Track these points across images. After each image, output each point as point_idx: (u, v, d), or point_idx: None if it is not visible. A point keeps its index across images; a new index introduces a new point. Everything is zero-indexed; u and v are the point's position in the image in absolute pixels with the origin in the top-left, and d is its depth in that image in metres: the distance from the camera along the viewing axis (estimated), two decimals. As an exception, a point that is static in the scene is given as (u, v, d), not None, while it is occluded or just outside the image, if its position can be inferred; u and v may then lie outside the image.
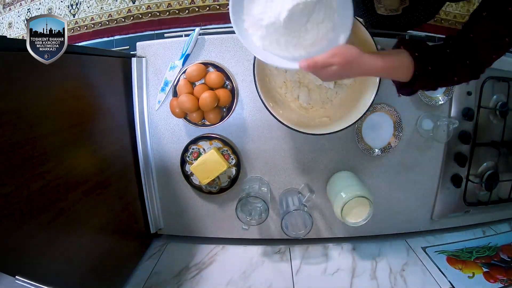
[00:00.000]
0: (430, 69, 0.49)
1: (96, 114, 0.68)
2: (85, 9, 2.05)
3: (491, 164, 0.87)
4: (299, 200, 0.75)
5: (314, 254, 0.83)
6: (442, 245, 0.84)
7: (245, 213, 0.73)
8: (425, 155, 0.83)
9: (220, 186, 0.81)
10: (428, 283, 0.72)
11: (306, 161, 0.81)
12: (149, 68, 0.79)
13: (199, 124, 0.77)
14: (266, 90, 0.66)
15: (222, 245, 0.85)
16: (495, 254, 0.81)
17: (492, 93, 0.84)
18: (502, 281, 0.72)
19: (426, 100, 0.79)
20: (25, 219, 0.46)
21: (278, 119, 0.63)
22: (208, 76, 0.74)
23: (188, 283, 0.74)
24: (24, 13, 2.21)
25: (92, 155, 0.66)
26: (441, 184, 0.84)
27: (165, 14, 1.90)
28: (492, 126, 0.85)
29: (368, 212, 0.69)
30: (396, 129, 0.80)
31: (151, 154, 0.82)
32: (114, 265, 0.71)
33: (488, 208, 0.88)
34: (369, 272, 0.76)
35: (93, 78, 0.67)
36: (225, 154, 0.79)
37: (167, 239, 0.89)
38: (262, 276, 0.75)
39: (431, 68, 0.49)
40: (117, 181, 0.73)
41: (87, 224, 0.62)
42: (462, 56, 0.50)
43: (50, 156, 0.52)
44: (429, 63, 0.49)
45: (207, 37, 0.77)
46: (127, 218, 0.78)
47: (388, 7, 0.65)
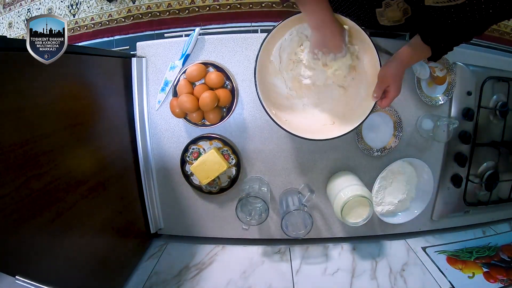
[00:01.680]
0: (443, 46, 0.62)
1: (96, 114, 0.67)
2: (85, 9, 2.06)
3: (491, 164, 0.87)
4: (299, 200, 0.75)
5: (314, 254, 0.83)
6: (442, 245, 0.84)
7: (245, 213, 0.73)
8: (425, 155, 0.83)
9: (220, 186, 0.81)
10: (428, 283, 0.72)
11: (306, 161, 0.81)
12: (149, 68, 0.79)
13: (199, 124, 0.77)
14: (267, 96, 0.66)
15: (222, 245, 0.86)
16: (495, 254, 0.81)
17: (492, 93, 0.84)
18: (502, 281, 0.72)
19: (426, 100, 0.79)
20: (25, 219, 0.46)
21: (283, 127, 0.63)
22: (208, 76, 0.74)
23: (188, 283, 0.74)
24: (24, 13, 2.22)
25: (92, 155, 0.66)
26: (441, 184, 0.85)
27: (165, 14, 1.90)
28: (492, 126, 0.85)
29: (368, 212, 0.69)
30: (396, 129, 0.80)
31: (151, 154, 0.82)
32: (114, 265, 0.71)
33: (488, 208, 0.88)
34: (369, 272, 0.76)
35: (93, 78, 0.67)
36: (225, 154, 0.79)
37: (167, 239, 0.89)
38: (262, 276, 0.75)
39: (444, 45, 0.62)
40: (117, 181, 0.73)
41: (87, 224, 0.61)
42: (465, 27, 0.57)
43: (50, 156, 0.52)
44: (441, 41, 0.61)
45: (207, 37, 0.77)
46: (127, 218, 0.78)
47: (391, 19, 0.66)
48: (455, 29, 0.58)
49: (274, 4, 1.82)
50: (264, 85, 0.66)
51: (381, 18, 0.67)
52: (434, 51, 0.62)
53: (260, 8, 1.83)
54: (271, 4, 1.83)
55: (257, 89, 0.63)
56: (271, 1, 1.82)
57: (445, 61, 0.79)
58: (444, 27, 0.59)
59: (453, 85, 0.79)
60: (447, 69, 0.79)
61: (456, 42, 0.62)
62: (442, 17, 0.55)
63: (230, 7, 1.81)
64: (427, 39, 0.60)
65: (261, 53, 0.63)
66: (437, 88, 0.80)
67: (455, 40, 0.61)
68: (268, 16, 1.84)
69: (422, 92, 0.79)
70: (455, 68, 0.79)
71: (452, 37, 0.61)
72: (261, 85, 0.63)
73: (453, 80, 0.79)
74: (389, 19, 0.66)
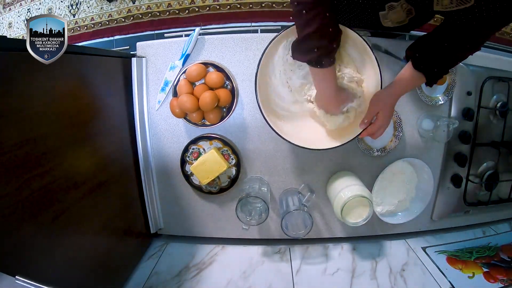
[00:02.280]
0: (436, 71, 0.59)
1: (96, 114, 0.67)
2: (85, 9, 2.06)
3: (491, 164, 0.87)
4: (299, 200, 0.75)
5: (314, 254, 0.83)
6: (442, 245, 0.84)
7: (245, 213, 0.73)
8: (425, 155, 0.82)
9: (220, 186, 0.81)
10: (428, 283, 0.72)
11: (306, 161, 0.81)
12: (149, 68, 0.79)
13: (199, 124, 0.77)
14: (267, 103, 0.67)
15: (222, 245, 0.86)
16: (495, 254, 0.81)
17: (492, 93, 0.84)
18: (502, 281, 0.72)
19: (426, 100, 0.79)
20: (25, 219, 0.46)
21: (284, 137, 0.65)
22: (208, 76, 0.74)
23: (188, 283, 0.74)
24: (24, 13, 2.22)
25: (92, 155, 0.65)
26: (441, 184, 0.85)
27: (165, 14, 1.90)
28: (492, 126, 0.85)
29: (368, 212, 0.69)
30: (396, 129, 0.80)
31: (151, 154, 0.82)
32: (114, 265, 0.71)
33: (488, 208, 0.88)
34: (369, 272, 0.76)
35: (93, 78, 0.67)
36: (225, 154, 0.79)
37: (167, 239, 0.89)
38: (262, 276, 0.75)
39: (437, 70, 0.59)
40: (117, 181, 0.73)
41: (87, 224, 0.61)
42: (461, 43, 0.56)
43: (50, 156, 0.52)
44: (434, 66, 0.58)
45: (207, 37, 0.77)
46: (127, 218, 0.78)
47: (395, 21, 0.66)
48: (449, 51, 0.57)
49: (274, 4, 1.82)
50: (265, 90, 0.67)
51: (384, 21, 0.67)
52: (428, 77, 0.60)
53: (260, 8, 1.83)
54: (271, 4, 1.83)
55: (257, 96, 0.64)
56: (271, 1, 1.82)
57: (445, 61, 0.79)
58: (437, 51, 0.57)
59: (453, 85, 0.79)
60: (447, 69, 0.79)
61: (450, 64, 0.60)
62: (450, 19, 0.54)
63: (230, 7, 1.81)
64: (419, 66, 0.59)
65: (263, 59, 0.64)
66: (437, 88, 0.80)
67: (449, 63, 0.60)
68: (268, 16, 1.83)
69: (422, 92, 0.79)
70: (455, 68, 0.79)
71: (445, 61, 0.59)
72: (261, 93, 0.65)
73: (453, 80, 0.79)
74: (393, 21, 0.66)
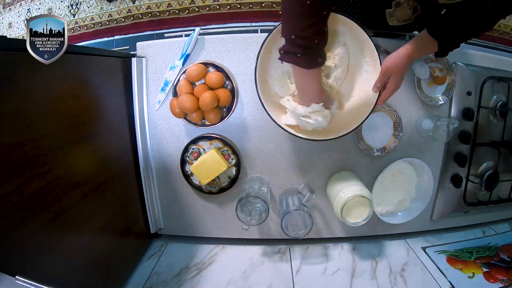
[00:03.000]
0: (450, 40, 0.60)
1: (96, 114, 0.67)
2: (85, 9, 2.06)
3: (491, 164, 0.87)
4: (299, 200, 0.75)
5: (314, 254, 0.83)
6: (442, 245, 0.84)
7: (245, 213, 0.73)
8: (425, 155, 0.82)
9: (220, 186, 0.81)
10: (428, 283, 0.72)
11: (306, 161, 0.81)
12: (149, 68, 0.79)
13: (199, 124, 0.77)
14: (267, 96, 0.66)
15: (222, 245, 0.86)
16: (495, 254, 0.81)
17: (492, 93, 0.84)
18: (502, 281, 0.72)
19: (426, 100, 0.79)
20: (25, 219, 0.46)
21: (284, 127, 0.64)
22: (208, 76, 0.74)
23: (188, 283, 0.74)
24: (24, 13, 2.22)
25: (92, 155, 0.66)
26: (441, 184, 0.85)
27: (165, 14, 1.91)
28: (492, 126, 0.85)
29: (368, 212, 0.69)
30: (396, 129, 0.80)
31: (151, 154, 0.82)
32: (114, 265, 0.71)
33: (488, 208, 0.88)
34: (369, 272, 0.76)
35: (93, 78, 0.67)
36: (225, 154, 0.79)
37: (167, 239, 0.89)
38: (262, 276, 0.75)
39: (451, 39, 0.60)
40: (117, 181, 0.73)
41: (87, 224, 0.61)
42: (474, 21, 0.57)
43: (50, 156, 0.52)
44: (448, 35, 0.60)
45: (207, 37, 0.77)
46: (127, 218, 0.78)
47: (401, 18, 0.66)
48: (463, 23, 0.58)
49: (274, 4, 1.82)
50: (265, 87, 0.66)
51: (391, 19, 0.67)
52: (441, 46, 0.61)
53: (260, 8, 1.83)
54: (271, 4, 1.83)
55: (257, 87, 0.63)
56: (271, 1, 1.83)
57: (445, 61, 0.78)
58: (452, 22, 0.58)
59: (453, 85, 0.79)
60: (447, 69, 0.79)
61: (463, 37, 0.61)
62: (455, 11, 0.55)
63: (230, 7, 1.81)
64: (434, 32, 0.59)
65: (261, 53, 0.63)
66: (437, 88, 0.80)
67: (463, 35, 0.60)
68: (268, 16, 1.84)
69: (422, 92, 0.79)
70: (455, 68, 0.79)
71: (459, 32, 0.60)
72: (261, 84, 0.63)
73: (453, 80, 0.79)
74: (399, 19, 0.66)
